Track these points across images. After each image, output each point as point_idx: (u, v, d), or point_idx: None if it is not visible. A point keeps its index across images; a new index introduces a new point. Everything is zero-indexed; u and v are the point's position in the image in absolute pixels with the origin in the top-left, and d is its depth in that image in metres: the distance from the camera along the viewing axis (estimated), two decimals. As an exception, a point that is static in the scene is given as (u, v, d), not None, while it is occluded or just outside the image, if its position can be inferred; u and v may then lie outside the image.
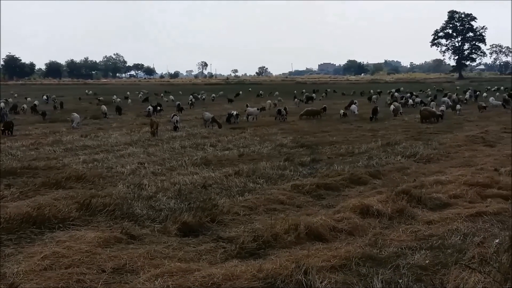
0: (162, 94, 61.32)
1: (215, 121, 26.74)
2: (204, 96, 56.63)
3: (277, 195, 11.45)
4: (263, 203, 10.82)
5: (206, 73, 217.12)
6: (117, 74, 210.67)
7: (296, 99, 46.09)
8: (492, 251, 6.41)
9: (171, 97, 54.44)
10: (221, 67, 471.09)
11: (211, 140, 21.51)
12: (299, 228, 8.43)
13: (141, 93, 64.82)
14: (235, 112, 30.00)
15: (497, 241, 6.60)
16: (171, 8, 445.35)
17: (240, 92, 64.43)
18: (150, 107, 36.18)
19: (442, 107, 32.89)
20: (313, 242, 8.25)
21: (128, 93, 62.48)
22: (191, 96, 50.66)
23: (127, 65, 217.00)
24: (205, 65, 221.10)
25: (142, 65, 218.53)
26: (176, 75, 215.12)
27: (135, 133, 24.36)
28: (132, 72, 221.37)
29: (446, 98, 40.54)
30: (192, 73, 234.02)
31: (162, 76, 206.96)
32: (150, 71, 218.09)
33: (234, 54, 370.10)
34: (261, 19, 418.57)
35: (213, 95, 57.74)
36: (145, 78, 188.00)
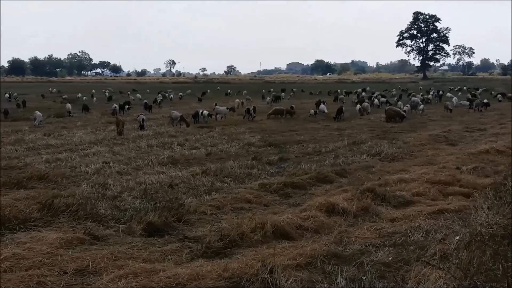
0: (129, 92, 60.43)
1: (183, 120, 26.57)
2: (172, 95, 55.89)
3: (244, 194, 11.46)
4: (230, 202, 10.83)
5: (174, 72, 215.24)
6: (83, 72, 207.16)
7: (268, 98, 46.05)
8: (453, 248, 6.53)
9: (138, 95, 53.84)
10: (189, 66, 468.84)
11: (179, 139, 21.38)
12: (266, 227, 8.46)
13: (107, 91, 63.76)
14: (206, 112, 29.70)
15: (457, 238, 6.72)
16: (138, 5, 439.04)
17: (208, 91, 64.20)
18: (115, 105, 35.64)
19: (406, 107, 33.34)
20: (279, 240, 8.29)
21: (94, 91, 61.29)
22: (159, 95, 50.29)
23: (92, 62, 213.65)
24: (173, 63, 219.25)
25: (108, 62, 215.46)
26: (143, 73, 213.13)
27: (100, 132, 24.00)
28: (98, 70, 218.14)
29: (416, 98, 41.05)
30: (160, 72, 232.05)
31: (129, 74, 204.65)
32: (116, 69, 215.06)
33: (202, 52, 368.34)
34: (229, 18, 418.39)
35: (181, 93, 57.35)
36: (111, 76, 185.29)
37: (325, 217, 9.40)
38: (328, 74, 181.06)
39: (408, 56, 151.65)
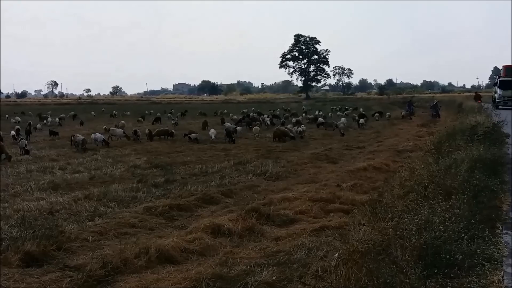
0: (7, 116, 56.23)
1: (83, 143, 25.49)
2: (57, 119, 50.89)
3: (128, 218, 11.26)
4: (114, 227, 10.60)
5: (56, 93, 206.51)
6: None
7: (173, 121, 44.25)
8: (333, 265, 6.79)
9: (18, 118, 50.72)
10: (72, 87, 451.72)
11: (60, 163, 20.52)
12: (150, 252, 8.39)
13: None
14: (100, 135, 28.22)
15: (336, 254, 6.99)
16: (10, 21, 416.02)
17: (93, 113, 62.19)
18: (13, 132, 31.86)
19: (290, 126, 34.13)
20: (164, 265, 8.23)
21: None
22: (50, 118, 47.69)
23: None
24: (55, 84, 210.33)
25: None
26: (23, 94, 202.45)
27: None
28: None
29: (321, 119, 41.72)
30: (42, 93, 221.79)
31: (8, 96, 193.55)
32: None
33: (86, 72, 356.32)
34: (112, 38, 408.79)
35: (63, 115, 54.34)
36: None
37: (211, 238, 9.46)
38: (205, 94, 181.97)
39: (291, 77, 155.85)
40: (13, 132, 31.04)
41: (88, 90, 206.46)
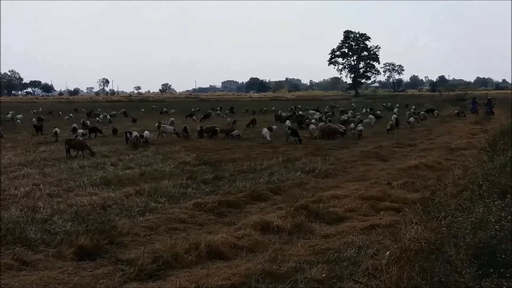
0: (60, 113, 57.70)
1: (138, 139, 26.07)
2: (108, 116, 50.10)
3: (178, 214, 11.38)
4: (164, 222, 10.74)
5: (107, 90, 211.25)
6: (13, 92, 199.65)
7: (229, 118, 43.68)
8: (384, 263, 6.69)
9: (71, 115, 52.18)
10: (123, 84, 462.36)
11: (112, 159, 20.93)
12: (200, 247, 8.45)
13: (35, 112, 60.29)
14: (148, 133, 28.59)
15: (388, 253, 6.89)
16: (65, 21, 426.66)
17: (143, 110, 63.22)
18: (79, 130, 32.42)
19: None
20: (214, 260, 8.29)
21: (12, 112, 56.10)
22: (101, 115, 48.77)
23: (23, 82, 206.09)
24: (106, 82, 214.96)
25: (40, 82, 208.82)
26: (76, 92, 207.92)
27: (31, 153, 23.17)
28: (29, 90, 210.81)
29: (371, 115, 40.87)
30: (93, 90, 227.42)
31: (61, 93, 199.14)
32: (48, 88, 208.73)
33: (136, 70, 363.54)
34: (163, 36, 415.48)
35: (114, 112, 55.11)
36: (42, 96, 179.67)
37: (260, 235, 9.46)
38: (252, 91, 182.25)
39: (340, 73, 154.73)
40: (81, 131, 31.88)
41: (138, 88, 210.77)
